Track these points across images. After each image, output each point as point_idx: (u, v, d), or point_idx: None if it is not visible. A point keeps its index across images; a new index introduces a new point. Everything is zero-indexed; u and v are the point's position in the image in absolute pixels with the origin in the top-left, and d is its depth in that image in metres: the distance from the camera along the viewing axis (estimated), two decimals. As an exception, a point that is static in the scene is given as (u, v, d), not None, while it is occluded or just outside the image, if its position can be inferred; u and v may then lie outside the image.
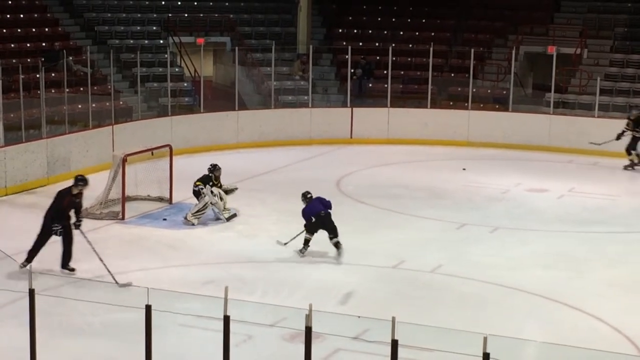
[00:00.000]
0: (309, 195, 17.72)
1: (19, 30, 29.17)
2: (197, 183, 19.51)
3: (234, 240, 18.30)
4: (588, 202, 21.95)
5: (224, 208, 19.53)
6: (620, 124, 27.84)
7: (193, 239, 18.30)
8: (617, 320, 14.10)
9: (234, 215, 19.63)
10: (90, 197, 20.42)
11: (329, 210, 17.47)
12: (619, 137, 25.74)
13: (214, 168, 19.85)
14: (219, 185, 19.75)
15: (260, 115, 29.00)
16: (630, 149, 25.93)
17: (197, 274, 16.14)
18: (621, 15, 32.41)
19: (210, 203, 19.24)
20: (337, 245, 17.21)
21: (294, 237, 17.46)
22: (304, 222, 17.33)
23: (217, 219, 19.44)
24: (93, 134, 24.46)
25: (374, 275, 16.34)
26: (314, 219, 17.26)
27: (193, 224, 19.09)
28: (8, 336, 12.96)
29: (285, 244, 17.50)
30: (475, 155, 27.46)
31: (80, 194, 16.05)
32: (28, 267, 10.42)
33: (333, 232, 17.26)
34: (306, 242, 17.36)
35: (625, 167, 25.85)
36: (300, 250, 17.35)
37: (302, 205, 17.51)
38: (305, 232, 17.34)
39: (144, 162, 21.05)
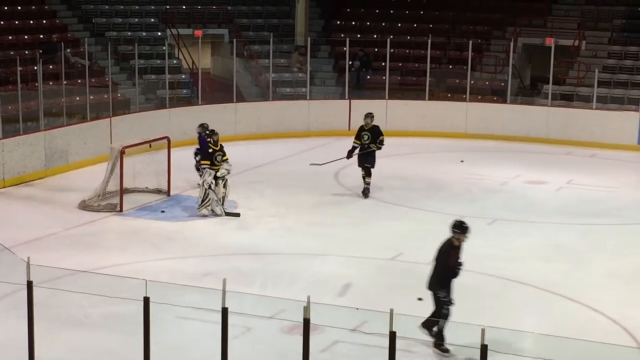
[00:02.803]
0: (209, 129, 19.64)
1: (16, 22, 29.14)
2: (204, 162, 19.28)
3: (233, 232, 18.30)
4: (586, 194, 21.96)
5: (223, 199, 19.32)
6: (621, 115, 27.93)
7: (191, 231, 18.29)
8: (615, 312, 14.11)
9: (237, 215, 19.26)
10: (88, 189, 20.47)
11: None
12: (350, 154, 21.25)
13: (212, 132, 19.48)
14: (221, 154, 19.43)
15: (258, 107, 29.00)
16: (367, 165, 21.15)
17: (196, 266, 16.14)
18: (619, 7, 32.41)
19: (208, 187, 19.02)
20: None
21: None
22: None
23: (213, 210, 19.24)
24: (91, 126, 24.44)
25: (372, 267, 16.35)
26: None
27: (206, 215, 19.01)
28: (6, 328, 12.96)
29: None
30: (474, 147, 27.46)
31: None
32: (27, 258, 10.33)
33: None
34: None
35: (365, 192, 21.20)
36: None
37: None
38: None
39: (142, 154, 21.03)
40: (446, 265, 12.46)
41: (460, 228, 12.57)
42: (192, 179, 20.96)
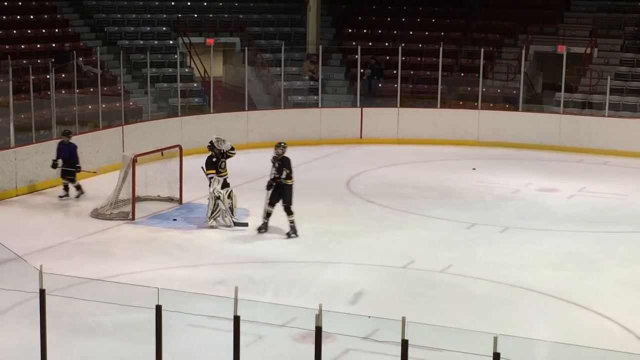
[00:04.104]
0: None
1: (29, 31, 29.25)
2: (210, 172, 18.99)
3: (244, 240, 18.29)
4: (598, 202, 21.91)
5: (232, 210, 19.22)
6: (633, 123, 27.86)
7: (203, 239, 18.30)
8: (627, 320, 14.08)
9: (245, 225, 19.14)
10: (100, 197, 20.52)
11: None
12: (270, 186, 18.65)
13: (213, 146, 19.07)
14: (224, 161, 19.14)
15: (270, 116, 29.02)
16: (284, 204, 18.61)
17: (207, 274, 16.16)
18: (631, 15, 32.35)
19: (216, 196, 18.96)
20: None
21: None
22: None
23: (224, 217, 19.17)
24: (103, 135, 24.50)
25: (384, 275, 16.34)
26: None
27: (215, 226, 18.96)
28: (19, 336, 12.99)
29: None
30: (486, 154, 27.44)
31: None
32: (39, 266, 10.36)
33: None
34: None
35: (289, 233, 18.53)
36: None
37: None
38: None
39: (154, 162, 21.08)
40: None
41: None
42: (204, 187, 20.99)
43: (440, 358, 11.89)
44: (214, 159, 19.16)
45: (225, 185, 19.17)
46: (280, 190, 18.55)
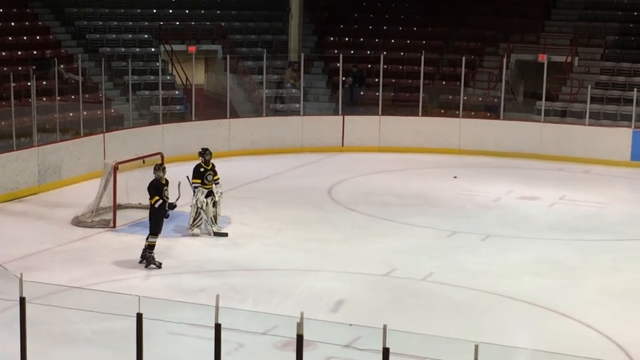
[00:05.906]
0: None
1: (10, 38, 29.13)
2: (195, 181, 19.04)
3: (226, 248, 18.27)
4: (579, 210, 21.99)
5: (215, 218, 19.18)
6: (613, 132, 27.96)
7: (184, 247, 18.27)
8: (608, 328, 14.12)
9: (224, 235, 19.06)
10: (81, 205, 20.44)
11: None
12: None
13: (204, 152, 19.12)
14: (212, 173, 19.11)
15: (252, 123, 29.00)
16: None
17: (189, 282, 16.12)
18: (612, 24, 32.49)
19: (198, 207, 18.94)
20: None
21: None
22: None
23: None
24: (84, 142, 24.43)
25: (365, 283, 16.34)
26: None
27: (197, 234, 18.93)
28: (-1, 345, 12.94)
29: None
30: (467, 163, 27.48)
31: None
32: (19, 274, 10.29)
33: None
34: None
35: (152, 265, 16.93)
36: None
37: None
38: None
39: (135, 170, 21.00)
40: None
41: None
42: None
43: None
44: (202, 169, 19.08)
45: (209, 194, 19.10)
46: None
